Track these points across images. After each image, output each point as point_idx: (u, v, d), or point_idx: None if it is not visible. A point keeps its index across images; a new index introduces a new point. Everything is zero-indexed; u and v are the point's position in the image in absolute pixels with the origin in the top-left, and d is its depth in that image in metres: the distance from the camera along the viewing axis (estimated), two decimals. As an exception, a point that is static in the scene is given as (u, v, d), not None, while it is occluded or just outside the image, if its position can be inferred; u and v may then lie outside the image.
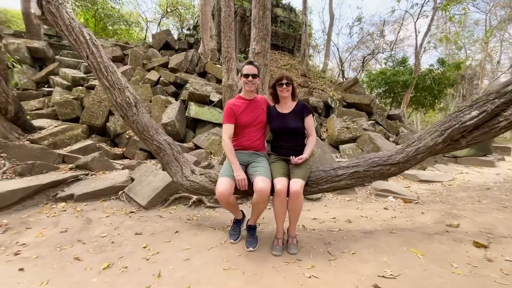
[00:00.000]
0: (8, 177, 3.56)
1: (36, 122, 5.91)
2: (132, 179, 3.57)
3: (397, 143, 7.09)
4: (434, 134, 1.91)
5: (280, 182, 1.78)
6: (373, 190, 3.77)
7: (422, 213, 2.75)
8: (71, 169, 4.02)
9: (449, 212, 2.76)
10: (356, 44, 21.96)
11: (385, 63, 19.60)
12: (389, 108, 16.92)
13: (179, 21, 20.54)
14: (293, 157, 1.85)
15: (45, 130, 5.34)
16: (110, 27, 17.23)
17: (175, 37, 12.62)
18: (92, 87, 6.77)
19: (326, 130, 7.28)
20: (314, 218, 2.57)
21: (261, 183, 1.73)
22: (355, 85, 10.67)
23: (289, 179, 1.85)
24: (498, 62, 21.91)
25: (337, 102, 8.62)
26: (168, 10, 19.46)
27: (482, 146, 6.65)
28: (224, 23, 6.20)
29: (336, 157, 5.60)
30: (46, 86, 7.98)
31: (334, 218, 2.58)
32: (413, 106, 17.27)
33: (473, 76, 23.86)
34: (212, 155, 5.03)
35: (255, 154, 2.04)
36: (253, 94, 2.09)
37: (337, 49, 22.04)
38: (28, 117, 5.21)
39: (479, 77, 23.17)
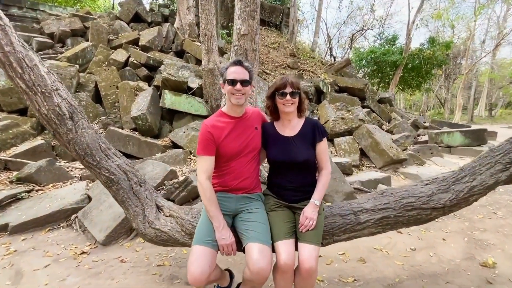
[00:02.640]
0: None
1: (-27, 115, 4.83)
2: (90, 198, 2.86)
3: (391, 133, 6.73)
4: (495, 167, 1.38)
5: (285, 251, 1.20)
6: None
7: (443, 239, 2.34)
8: (11, 182, 3.20)
9: (472, 236, 2.38)
10: (345, 19, 20.88)
11: (375, 41, 18.93)
12: (376, 88, 16.59)
13: (152, -12, 18.16)
14: (302, 215, 1.27)
15: (-19, 127, 4.32)
16: (70, -7, 14.83)
17: (147, 7, 11.00)
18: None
19: (318, 118, 6.72)
20: (320, 256, 2.07)
21: (257, 256, 1.15)
22: (346, 67, 10.02)
23: (296, 238, 1.29)
24: (484, 41, 21.90)
25: (329, 86, 7.99)
26: (139, -26, 17.01)
27: (476, 135, 6.44)
28: (202, -8, 5.16)
29: (331, 152, 5.12)
30: (-13, 66, 6.60)
31: (343, 254, 2.10)
32: (400, 86, 17.03)
33: (457, 56, 23.88)
34: (191, 155, 4.34)
35: (247, 198, 1.42)
36: (242, 109, 1.42)
37: (325, 24, 20.90)
38: (-45, 112, 4.14)
39: (463, 56, 23.22)
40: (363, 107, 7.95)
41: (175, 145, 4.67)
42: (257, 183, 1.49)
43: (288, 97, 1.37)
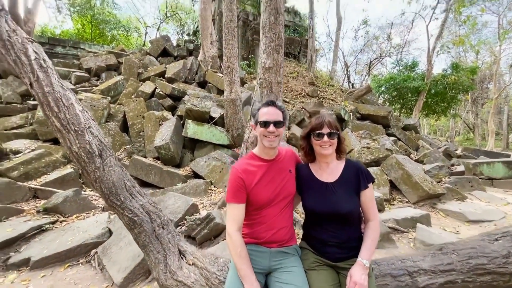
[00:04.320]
0: (-47, 229, 2.79)
1: (14, 144, 5.20)
2: (110, 232, 2.79)
3: (422, 162, 6.28)
4: None
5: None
6: (415, 242, 2.96)
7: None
8: (38, 212, 3.25)
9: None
10: (361, 48, 21.23)
11: (394, 67, 18.84)
12: (398, 114, 16.12)
13: (179, 26, 19.95)
14: (350, 279, 1.08)
15: (19, 155, 4.59)
16: (108, 33, 16.63)
17: (174, 43, 11.95)
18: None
19: (341, 147, 6.47)
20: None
21: None
22: (367, 94, 9.89)
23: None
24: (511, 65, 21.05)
25: (350, 114, 7.83)
26: (168, 15, 18.86)
27: (521, 166, 5.80)
28: (226, 29, 5.47)
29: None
30: (32, 99, 7.26)
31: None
32: (424, 112, 16.43)
33: (484, 80, 22.99)
34: (212, 185, 4.25)
35: (282, 252, 1.25)
36: (275, 151, 1.32)
37: (342, 53, 21.29)
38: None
39: (490, 81, 22.30)
40: (388, 134, 7.63)
41: (196, 175, 4.63)
42: (292, 234, 1.31)
43: (325, 138, 1.25)
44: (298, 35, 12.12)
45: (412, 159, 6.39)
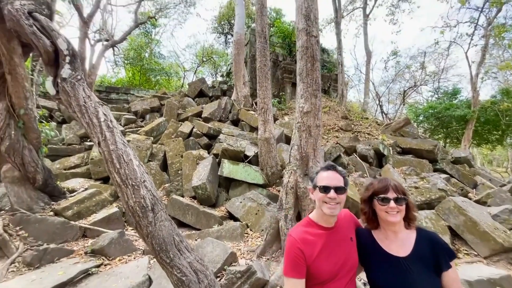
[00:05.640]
0: (15, 269, 3.03)
1: (70, 183, 5.75)
2: (150, 279, 2.77)
3: (485, 204, 5.44)
4: None
5: None
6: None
7: None
8: (86, 253, 3.41)
9: None
10: (393, 77, 20.81)
11: (432, 96, 17.89)
12: (442, 144, 14.78)
13: (213, 68, 21.86)
14: None
15: (74, 194, 5.04)
16: (153, 79, 18.83)
17: (209, 84, 12.99)
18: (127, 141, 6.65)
19: (383, 185, 5.98)
20: None
21: None
22: (406, 126, 9.35)
23: None
24: None
25: (390, 148, 7.37)
26: (204, 59, 20.92)
27: None
28: (260, 73, 5.81)
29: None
30: (88, 140, 8.20)
31: None
32: (475, 142, 14.86)
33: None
34: (249, 228, 4.11)
35: None
36: (335, 218, 1.22)
37: (373, 83, 21.03)
38: (58, 182, 4.98)
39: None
40: (436, 170, 6.92)
41: (231, 216, 4.57)
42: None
43: (392, 203, 1.13)
44: (327, 71, 12.38)
45: (471, 199, 5.60)
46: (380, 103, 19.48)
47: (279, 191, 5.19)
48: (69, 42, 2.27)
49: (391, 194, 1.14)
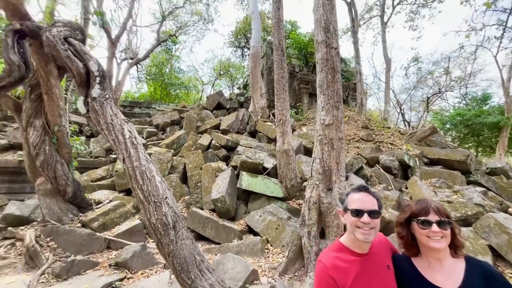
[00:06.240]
0: (44, 280, 3.14)
1: (96, 194, 5.99)
2: (171, 296, 2.74)
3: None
4: None
5: None
6: None
7: None
8: (110, 266, 3.47)
9: None
10: (415, 84, 20.01)
11: (459, 102, 16.92)
12: (474, 153, 13.77)
13: (230, 81, 22.40)
14: None
15: (99, 206, 5.23)
16: (172, 92, 19.63)
17: (227, 96, 13.27)
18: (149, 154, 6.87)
19: (410, 198, 5.62)
20: None
21: None
22: (432, 135, 8.84)
23: None
24: None
25: (416, 159, 6.97)
26: (221, 73, 21.53)
27: None
28: (278, 85, 5.83)
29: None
30: (113, 153, 8.58)
31: None
32: (511, 150, 13.71)
33: None
34: (269, 244, 4.00)
35: None
36: (369, 244, 1.12)
37: (393, 91, 20.35)
38: (86, 194, 5.20)
39: None
40: (469, 182, 6.41)
41: (250, 230, 4.49)
42: None
43: (435, 227, 1.02)
44: (345, 80, 12.20)
45: (511, 214, 5.08)
46: (402, 111, 18.73)
47: (299, 204, 5.05)
48: (99, 64, 2.42)
49: (433, 217, 1.04)
